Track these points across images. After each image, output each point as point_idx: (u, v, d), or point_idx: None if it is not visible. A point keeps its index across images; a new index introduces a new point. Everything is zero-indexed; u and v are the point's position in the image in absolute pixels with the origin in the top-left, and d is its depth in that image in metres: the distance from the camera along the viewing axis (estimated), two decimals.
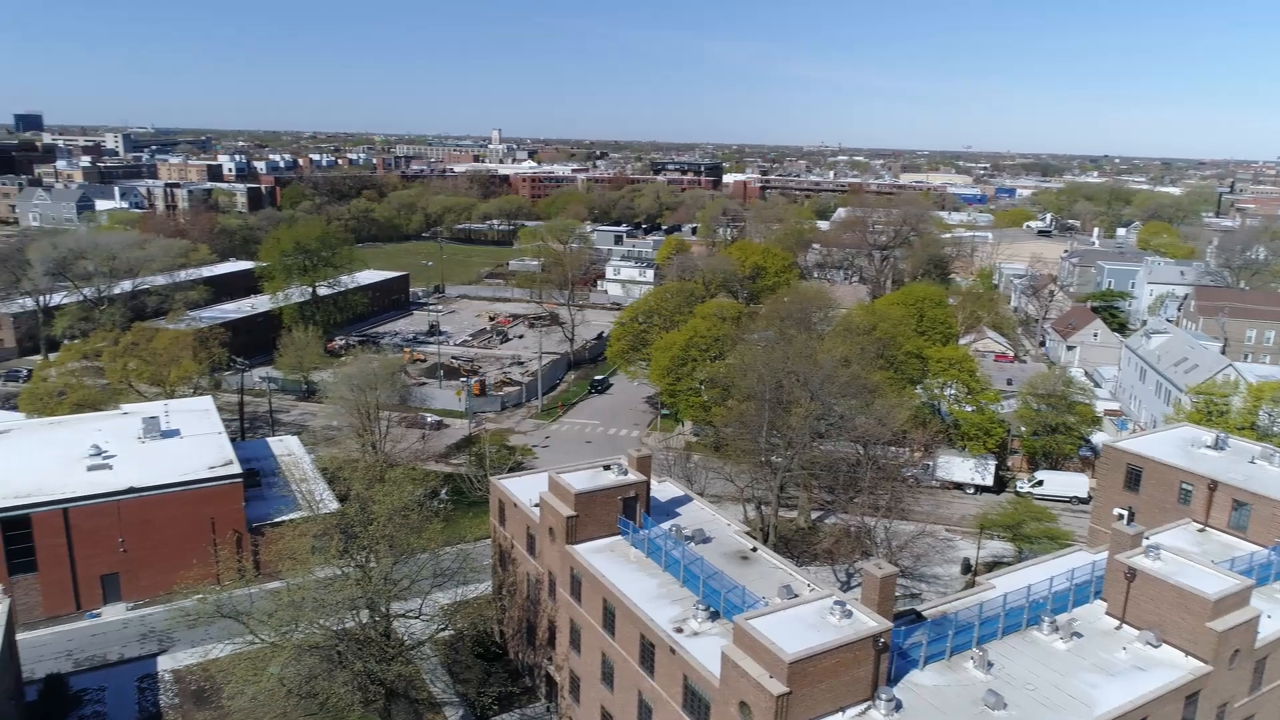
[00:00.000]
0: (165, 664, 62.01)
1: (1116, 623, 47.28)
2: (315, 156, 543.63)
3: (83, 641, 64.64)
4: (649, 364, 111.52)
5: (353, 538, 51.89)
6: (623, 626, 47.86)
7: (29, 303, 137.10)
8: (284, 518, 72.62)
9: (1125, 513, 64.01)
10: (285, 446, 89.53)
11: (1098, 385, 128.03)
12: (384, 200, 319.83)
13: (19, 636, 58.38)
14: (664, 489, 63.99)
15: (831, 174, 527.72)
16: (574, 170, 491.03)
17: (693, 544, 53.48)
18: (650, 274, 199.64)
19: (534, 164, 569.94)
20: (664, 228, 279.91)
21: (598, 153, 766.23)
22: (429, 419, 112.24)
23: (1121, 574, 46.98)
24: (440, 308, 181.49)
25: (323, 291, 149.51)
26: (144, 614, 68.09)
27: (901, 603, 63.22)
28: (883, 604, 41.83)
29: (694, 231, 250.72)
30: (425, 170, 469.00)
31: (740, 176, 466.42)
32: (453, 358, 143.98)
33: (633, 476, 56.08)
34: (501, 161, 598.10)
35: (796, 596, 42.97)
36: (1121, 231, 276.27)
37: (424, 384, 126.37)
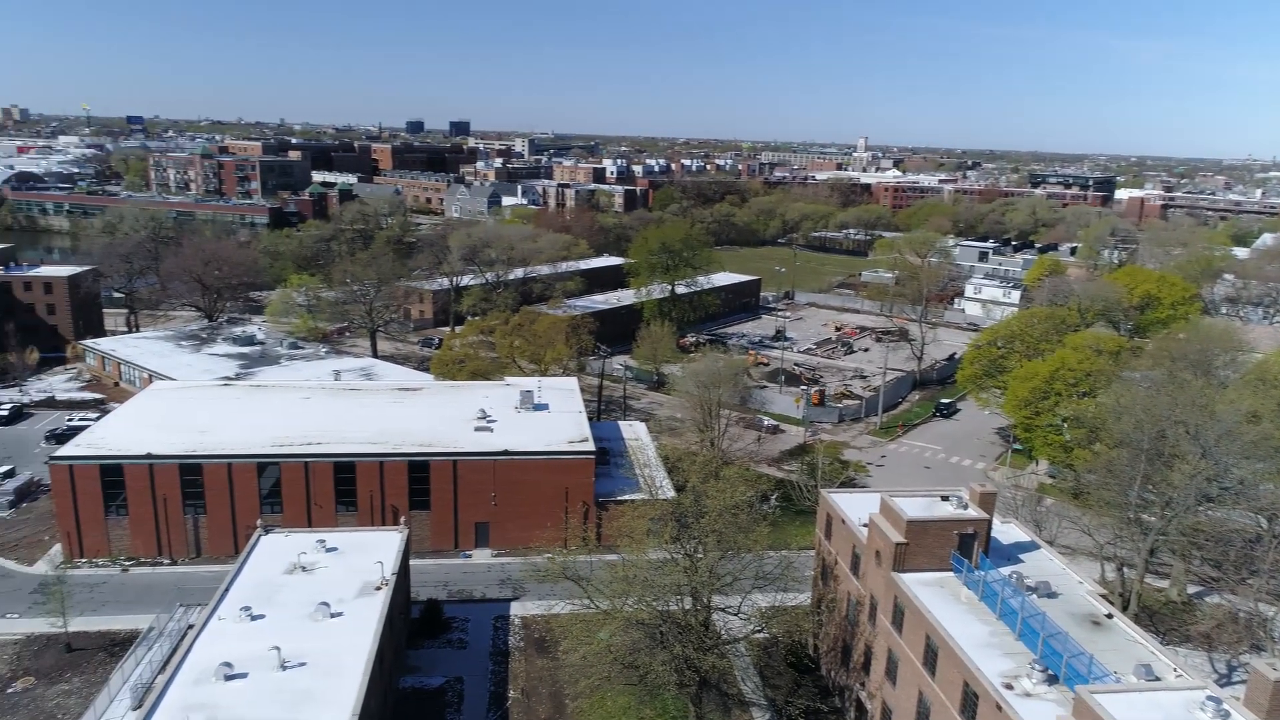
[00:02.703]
0: (516, 609, 70.03)
1: None
2: (686, 162, 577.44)
3: (456, 576, 75.20)
4: (1004, 392, 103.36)
5: (685, 527, 54.58)
6: (945, 669, 45.14)
7: (445, 282, 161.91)
8: (626, 497, 78.41)
9: None
10: (633, 431, 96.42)
11: None
12: (745, 205, 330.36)
13: (410, 563, 69.35)
14: (1007, 530, 59.13)
15: (1259, 193, 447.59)
16: (941, 180, 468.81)
17: (1035, 596, 48.86)
18: (1016, 295, 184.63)
19: (898, 173, 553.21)
20: (1037, 246, 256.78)
21: (969, 163, 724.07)
22: (766, 422, 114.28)
23: None
24: (788, 314, 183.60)
25: (680, 290, 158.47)
26: (504, 562, 77.51)
27: None
28: (1274, 712, 35.03)
29: (1073, 252, 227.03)
30: (787, 177, 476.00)
31: (1136, 192, 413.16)
32: (795, 364, 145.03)
33: (973, 512, 52.54)
34: (865, 170, 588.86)
35: (1158, 680, 37.54)
36: None
37: (765, 387, 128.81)
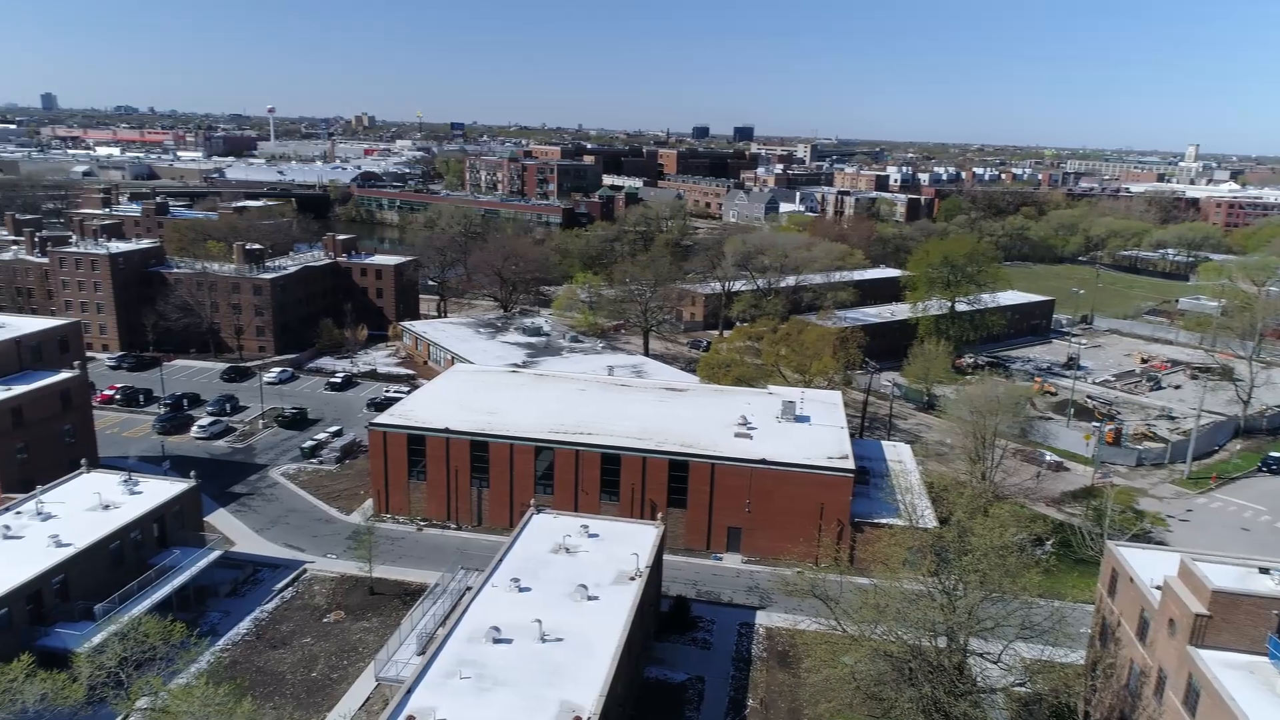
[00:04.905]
0: (761, 619, 70.13)
1: None
2: (979, 170, 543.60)
3: (705, 577, 76.71)
4: None
5: (945, 562, 51.77)
6: None
7: (717, 286, 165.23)
8: (884, 521, 75.69)
9: None
10: (896, 453, 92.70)
11: None
12: (1042, 218, 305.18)
13: (663, 558, 71.73)
14: None
15: None
16: None
17: None
18: None
19: (1235, 186, 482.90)
20: None
21: None
22: (1048, 457, 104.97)
23: None
24: (1083, 340, 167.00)
25: (960, 307, 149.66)
26: (753, 569, 77.83)
27: None
28: None
29: None
30: (1094, 188, 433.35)
31: None
32: (1088, 396, 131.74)
33: None
34: (1192, 182, 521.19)
35: None
36: None
37: (1050, 419, 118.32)
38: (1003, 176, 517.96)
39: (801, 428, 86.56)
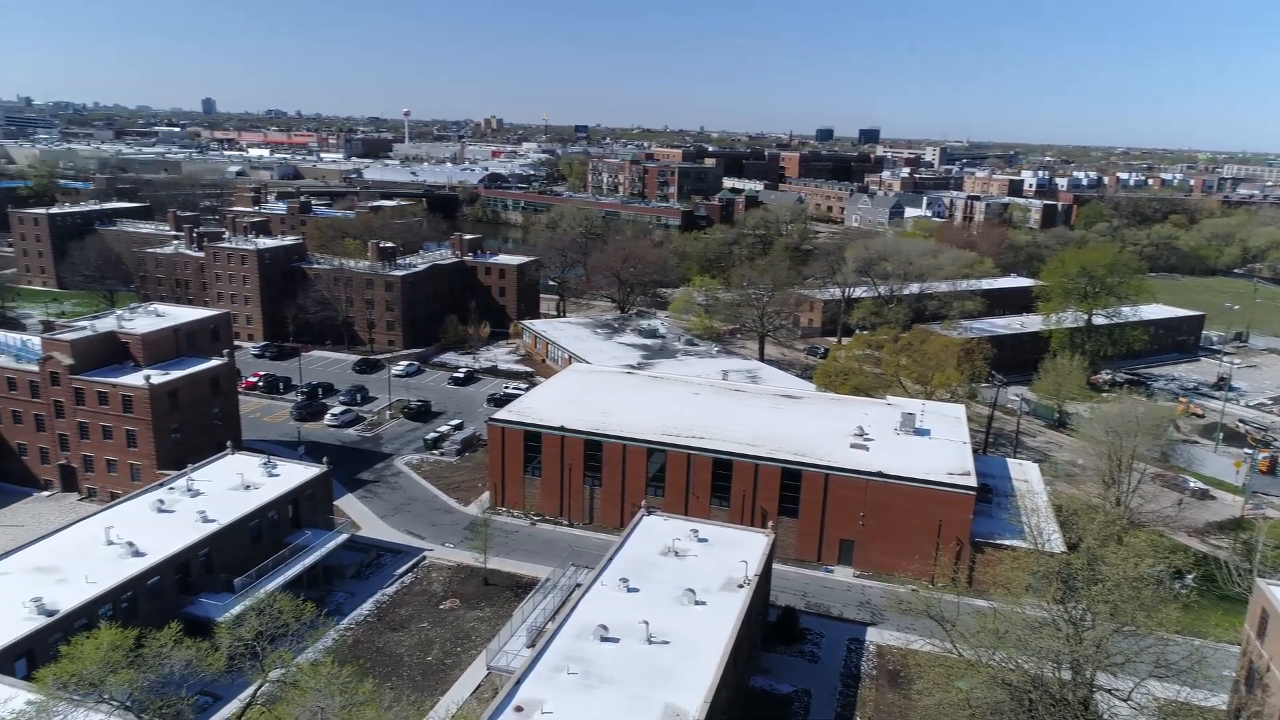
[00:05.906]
0: (872, 636, 68.38)
1: None
2: (1123, 175, 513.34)
3: (815, 589, 75.41)
4: None
5: (1072, 590, 49.21)
6: None
7: (836, 292, 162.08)
8: (1006, 542, 72.49)
9: None
10: (1023, 472, 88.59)
11: None
12: (1193, 227, 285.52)
13: (772, 567, 70.88)
14: None
15: None
16: None
17: None
18: None
19: None
20: None
21: None
22: (1191, 484, 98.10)
23: None
24: (1237, 359, 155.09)
25: (1098, 320, 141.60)
26: (865, 584, 75.98)
27: None
28: None
29: None
30: (1255, 195, 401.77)
31: None
32: (1240, 420, 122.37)
33: None
34: None
35: None
36: None
37: (1195, 443, 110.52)
38: (1149, 182, 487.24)
39: (921, 441, 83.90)
